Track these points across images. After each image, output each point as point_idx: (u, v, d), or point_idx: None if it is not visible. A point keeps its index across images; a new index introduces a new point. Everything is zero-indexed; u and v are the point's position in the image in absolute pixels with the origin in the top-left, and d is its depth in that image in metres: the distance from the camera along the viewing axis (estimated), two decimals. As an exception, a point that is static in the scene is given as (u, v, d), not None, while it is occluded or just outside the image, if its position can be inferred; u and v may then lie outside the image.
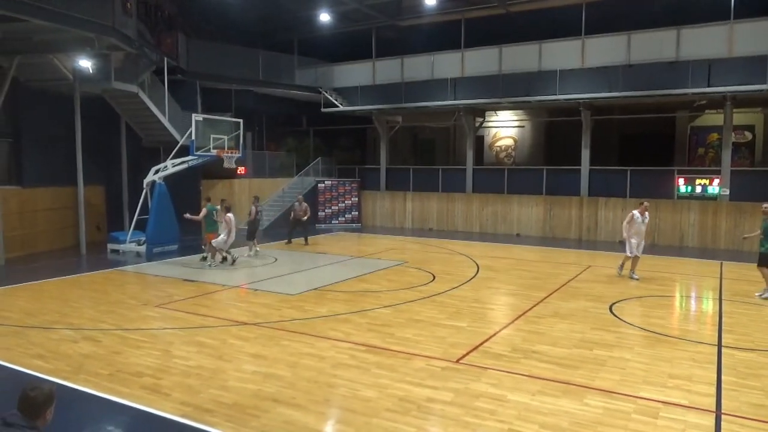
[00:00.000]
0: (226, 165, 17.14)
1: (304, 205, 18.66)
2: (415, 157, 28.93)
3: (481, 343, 7.97)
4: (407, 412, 5.76)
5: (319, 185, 24.38)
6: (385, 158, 25.07)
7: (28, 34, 13.42)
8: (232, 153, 17.01)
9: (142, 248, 15.89)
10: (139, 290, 11.63)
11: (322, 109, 24.45)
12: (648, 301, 10.77)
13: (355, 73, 24.41)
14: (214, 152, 16.45)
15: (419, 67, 22.85)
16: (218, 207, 14.71)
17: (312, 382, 6.55)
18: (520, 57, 20.80)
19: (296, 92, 24.76)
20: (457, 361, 7.24)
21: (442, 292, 11.26)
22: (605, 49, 19.29)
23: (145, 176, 16.63)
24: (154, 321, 9.26)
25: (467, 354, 7.52)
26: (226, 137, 16.94)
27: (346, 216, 24.63)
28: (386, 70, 23.67)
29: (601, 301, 10.57)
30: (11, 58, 14.04)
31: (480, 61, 21.61)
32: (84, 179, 16.75)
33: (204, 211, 14.74)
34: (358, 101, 23.97)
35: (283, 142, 26.37)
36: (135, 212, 16.80)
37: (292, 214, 18.78)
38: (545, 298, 10.89)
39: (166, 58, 18.12)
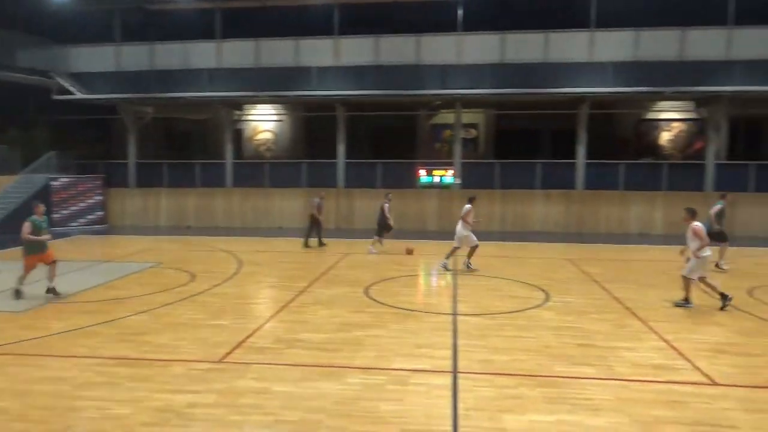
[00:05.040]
0: None
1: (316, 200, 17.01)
2: (170, 150, 27.10)
3: (245, 339, 7.86)
4: (166, 422, 5.40)
5: (52, 183, 21.22)
6: (134, 152, 23.01)
7: None
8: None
9: None
10: None
11: (55, 97, 21.34)
12: (398, 281, 11.85)
13: (97, 58, 21.82)
14: None
15: (173, 55, 21.40)
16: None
17: (48, 409, 5.70)
18: (277, 51, 20.92)
19: (18, 75, 21.12)
20: (220, 361, 7.03)
21: (203, 291, 10.80)
22: (358, 49, 20.54)
23: None
24: None
25: (230, 352, 7.34)
26: None
27: (87, 217, 21.95)
28: (135, 57, 21.65)
29: (358, 285, 11.29)
30: None
31: (237, 53, 21.14)
32: None
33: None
34: (100, 89, 21.49)
35: (3, 134, 22.33)
36: None
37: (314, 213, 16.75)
38: (308, 287, 11.22)
39: None
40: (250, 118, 25.91)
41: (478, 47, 19.95)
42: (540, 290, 10.99)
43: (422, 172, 21.45)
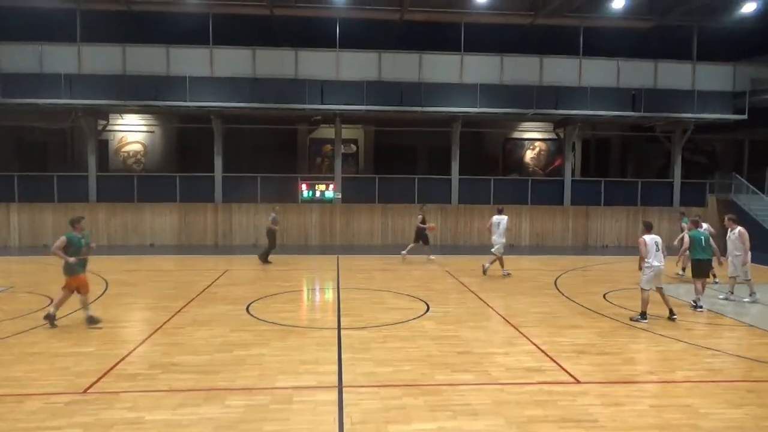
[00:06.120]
0: None
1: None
2: (22, 161, 24.48)
3: (114, 366, 7.26)
4: (20, 465, 4.82)
5: None
6: (-23, 163, 20.51)
7: None
8: None
9: None
10: None
11: None
12: (280, 298, 11.62)
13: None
14: None
15: (23, 57, 19.38)
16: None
17: None
18: (146, 59, 19.75)
19: None
20: (85, 392, 6.42)
21: (64, 316, 9.82)
22: (235, 61, 19.98)
23: None
24: None
25: (97, 381, 6.73)
26: None
27: None
28: (-25, 57, 19.35)
29: (239, 303, 10.91)
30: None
31: (101, 58, 19.65)
32: None
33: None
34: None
35: None
36: None
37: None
38: (184, 307, 10.63)
39: None
40: (116, 128, 24.20)
41: (356, 64, 20.32)
42: (421, 301, 11.33)
43: (304, 187, 21.30)
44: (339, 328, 9.22)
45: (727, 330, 9.72)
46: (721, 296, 11.79)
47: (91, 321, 9.32)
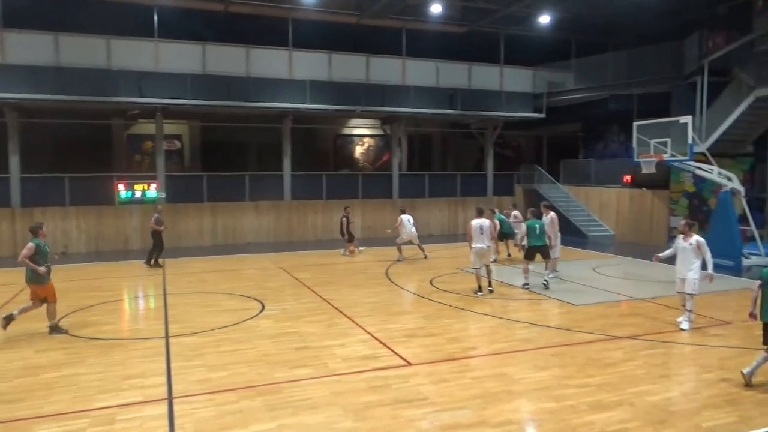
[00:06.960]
0: None
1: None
2: None
3: None
4: None
5: None
6: None
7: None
8: None
9: None
10: None
11: None
12: (98, 309, 10.55)
13: None
14: None
15: None
16: None
17: None
18: None
19: None
20: None
21: None
22: (33, 47, 17.53)
23: None
24: None
25: None
26: None
27: None
28: None
29: (45, 320, 9.64)
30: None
31: None
32: None
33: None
34: None
35: None
36: None
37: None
38: (-26, 329, 9.13)
39: None
40: None
41: (178, 56, 19.10)
42: (255, 300, 11.07)
43: (120, 187, 19.50)
44: (167, 337, 8.64)
45: (535, 304, 10.95)
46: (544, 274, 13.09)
47: (57, 330, 8.89)
